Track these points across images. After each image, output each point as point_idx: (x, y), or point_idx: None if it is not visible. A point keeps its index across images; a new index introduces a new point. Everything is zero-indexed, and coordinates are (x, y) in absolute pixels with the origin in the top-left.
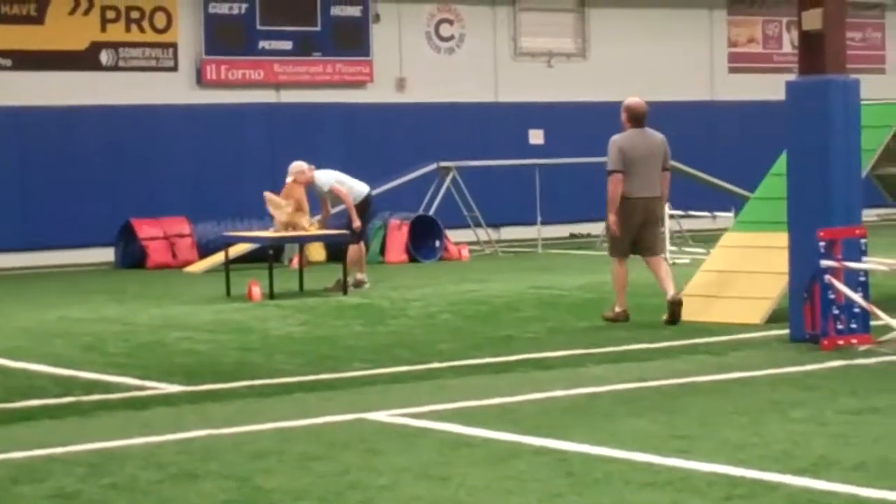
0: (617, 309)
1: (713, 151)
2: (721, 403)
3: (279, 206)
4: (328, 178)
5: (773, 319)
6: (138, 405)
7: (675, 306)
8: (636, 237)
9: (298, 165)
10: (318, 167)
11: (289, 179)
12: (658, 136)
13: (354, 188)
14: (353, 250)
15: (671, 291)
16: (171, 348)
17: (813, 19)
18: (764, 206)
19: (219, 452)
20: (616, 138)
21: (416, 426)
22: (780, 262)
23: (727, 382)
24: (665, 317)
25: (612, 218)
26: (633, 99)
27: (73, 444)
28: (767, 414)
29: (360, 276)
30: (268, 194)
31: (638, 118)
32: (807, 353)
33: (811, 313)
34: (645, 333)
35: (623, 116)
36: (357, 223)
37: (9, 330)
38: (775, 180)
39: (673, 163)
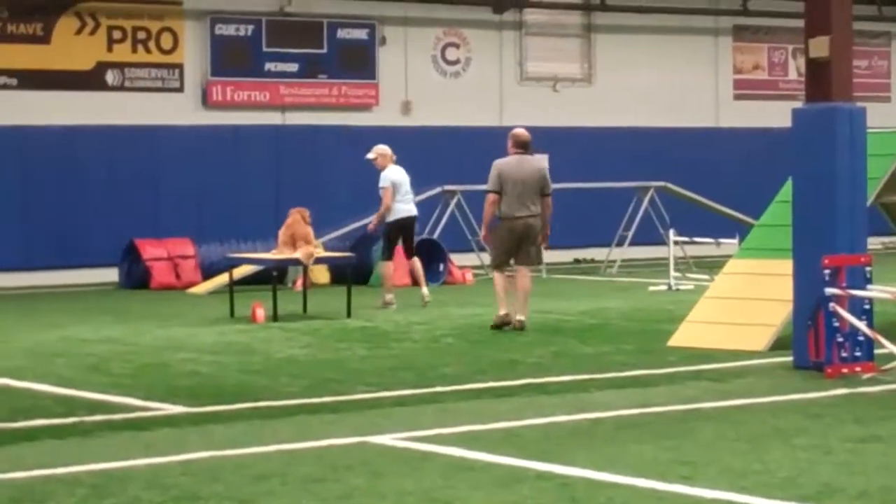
0: (501, 312)
1: (718, 178)
2: (724, 430)
3: (310, 254)
4: (389, 175)
5: (777, 347)
6: (141, 426)
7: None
8: (515, 251)
9: (384, 148)
10: (326, 190)
11: (370, 155)
12: (536, 163)
13: (398, 205)
14: (381, 268)
15: (519, 314)
16: (174, 369)
17: (820, 47)
18: (769, 233)
19: (222, 474)
20: (497, 162)
21: (420, 449)
22: (784, 289)
23: (731, 409)
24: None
25: (483, 233)
26: (518, 129)
27: (76, 465)
28: (771, 441)
29: (388, 296)
30: (302, 253)
31: (520, 145)
32: (811, 380)
33: (815, 341)
34: (648, 359)
35: (508, 143)
36: (373, 225)
37: (12, 349)
38: (780, 207)
39: (677, 188)
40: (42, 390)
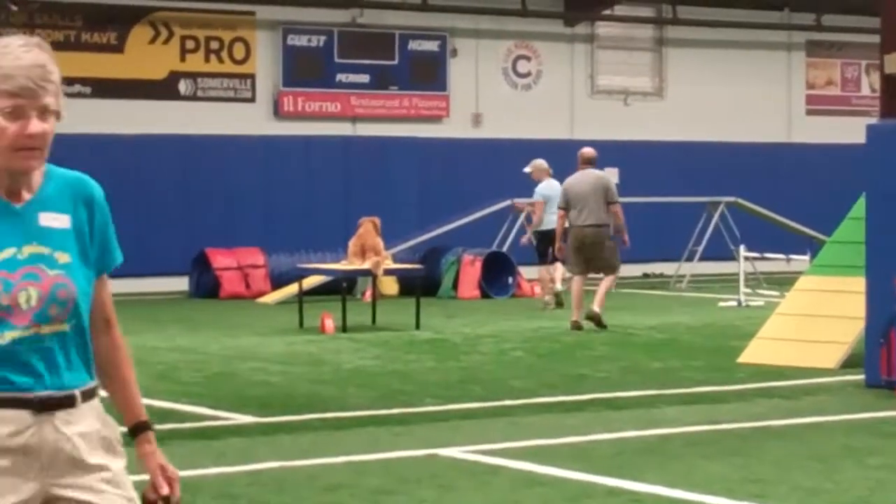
0: (572, 318)
1: (789, 194)
2: (795, 448)
3: (378, 264)
4: (542, 189)
5: (848, 364)
6: (211, 435)
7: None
8: (590, 260)
9: (540, 162)
10: (395, 201)
11: (527, 169)
12: (599, 175)
13: (550, 216)
14: (540, 272)
15: (594, 304)
16: (243, 379)
17: None
18: (841, 250)
19: (291, 485)
20: (566, 181)
21: (489, 463)
22: (856, 306)
23: (801, 427)
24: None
25: (557, 245)
26: (586, 147)
27: (145, 474)
28: (842, 460)
29: (547, 298)
30: (371, 264)
31: (585, 161)
32: (883, 399)
33: (887, 359)
34: (718, 375)
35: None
36: (526, 237)
37: None
38: (853, 224)
39: (748, 204)
40: None
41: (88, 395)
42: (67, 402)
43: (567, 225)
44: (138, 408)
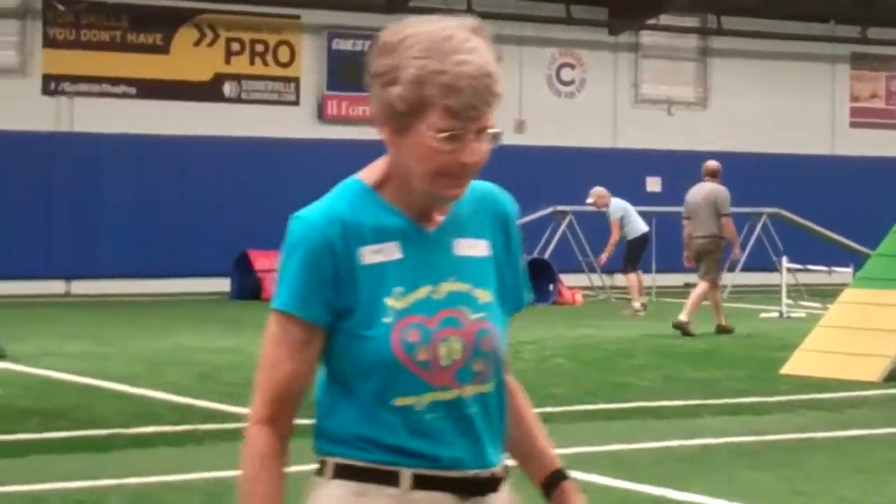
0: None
1: (832, 206)
2: (840, 461)
3: None
4: (616, 207)
5: (892, 378)
6: None
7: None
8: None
9: (599, 190)
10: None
11: (589, 201)
12: (710, 188)
13: (634, 224)
14: (629, 279)
15: (681, 314)
16: None
17: None
18: (887, 263)
19: None
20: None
21: None
22: None
23: (845, 440)
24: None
25: (686, 254)
26: (709, 160)
27: (190, 473)
28: (888, 474)
29: (636, 304)
30: None
31: (706, 173)
32: None
33: None
34: (761, 386)
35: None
36: (605, 254)
37: (127, 356)
38: None
39: (791, 215)
40: (156, 397)
41: (507, 474)
42: (492, 485)
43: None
44: (552, 456)
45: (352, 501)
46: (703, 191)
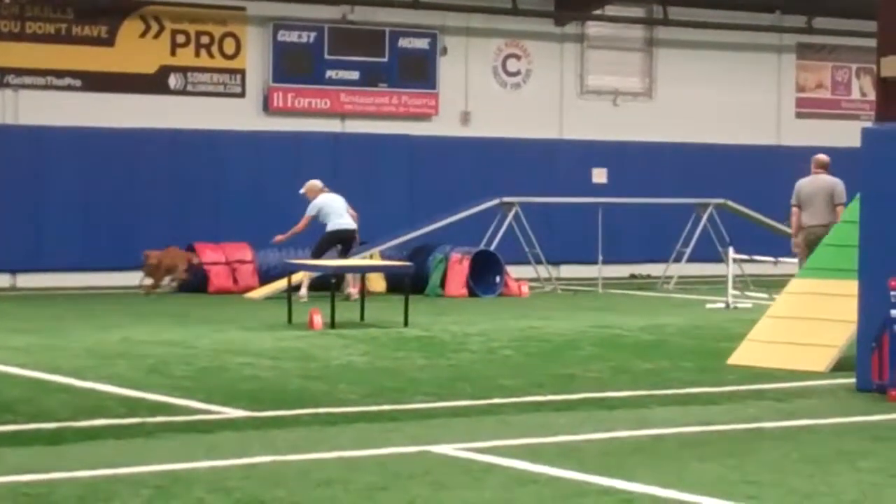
0: None
1: (778, 196)
2: (788, 451)
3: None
4: (314, 205)
5: (839, 368)
6: (203, 429)
7: None
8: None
9: (313, 184)
10: (383, 198)
11: (301, 191)
12: (828, 180)
13: (334, 219)
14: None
15: None
16: (234, 373)
17: (892, 66)
18: (834, 253)
19: (284, 479)
20: (798, 181)
21: (482, 461)
22: (847, 310)
23: (794, 430)
24: None
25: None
26: (820, 154)
27: (140, 466)
28: (836, 464)
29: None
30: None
31: (818, 165)
32: (874, 403)
33: (879, 363)
34: (708, 377)
35: (812, 165)
36: (282, 237)
37: (74, 349)
38: (846, 227)
39: (737, 206)
40: (104, 390)
41: None
42: None
43: (801, 225)
44: None
45: None
46: (820, 182)
